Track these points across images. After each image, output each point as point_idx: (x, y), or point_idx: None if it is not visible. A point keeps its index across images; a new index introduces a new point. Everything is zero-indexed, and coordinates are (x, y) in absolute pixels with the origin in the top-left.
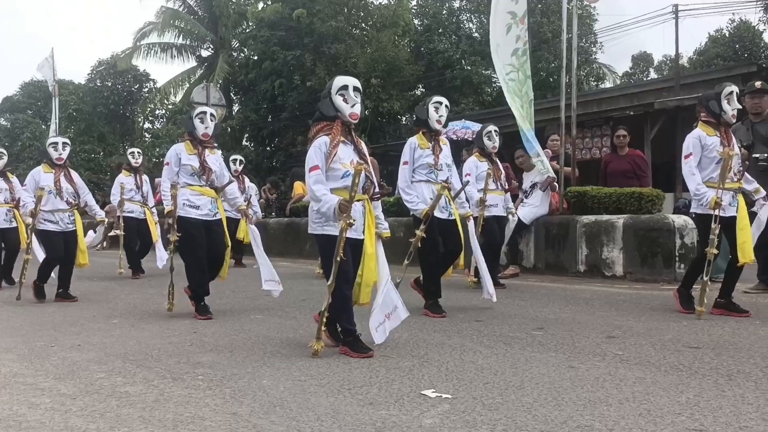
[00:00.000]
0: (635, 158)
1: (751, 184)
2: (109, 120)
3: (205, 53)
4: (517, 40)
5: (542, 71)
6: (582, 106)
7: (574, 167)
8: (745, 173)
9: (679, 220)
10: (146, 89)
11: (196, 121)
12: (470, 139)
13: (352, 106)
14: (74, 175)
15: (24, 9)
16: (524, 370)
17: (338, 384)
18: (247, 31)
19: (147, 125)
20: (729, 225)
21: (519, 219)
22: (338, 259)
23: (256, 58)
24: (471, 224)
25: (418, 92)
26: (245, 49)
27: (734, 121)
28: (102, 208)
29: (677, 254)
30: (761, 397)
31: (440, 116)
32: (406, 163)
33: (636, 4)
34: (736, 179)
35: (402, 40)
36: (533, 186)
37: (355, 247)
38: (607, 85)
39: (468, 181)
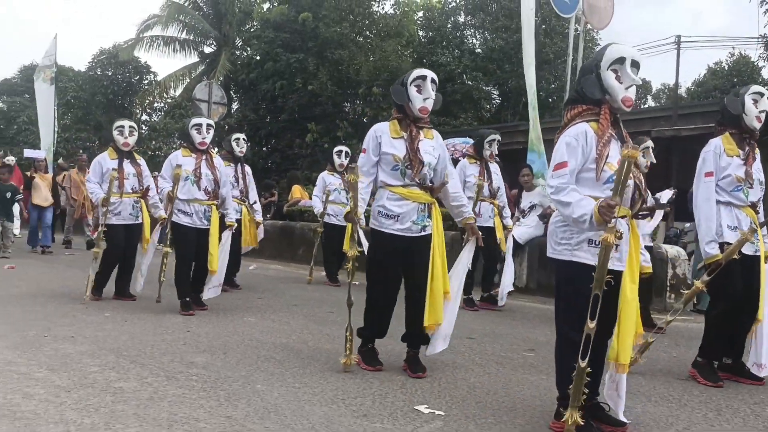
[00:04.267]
0: None
1: None
2: (106, 110)
3: (207, 49)
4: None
5: (541, 91)
6: None
7: None
8: None
9: (672, 250)
10: (146, 81)
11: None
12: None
13: (627, 88)
14: (217, 160)
15: None
16: (516, 391)
17: (332, 393)
18: (252, 30)
19: (145, 117)
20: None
21: (513, 238)
22: (597, 294)
23: (258, 58)
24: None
25: None
26: (248, 49)
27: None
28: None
29: (668, 284)
30: None
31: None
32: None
33: (636, 32)
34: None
35: (405, 50)
36: (532, 207)
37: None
38: None
39: None
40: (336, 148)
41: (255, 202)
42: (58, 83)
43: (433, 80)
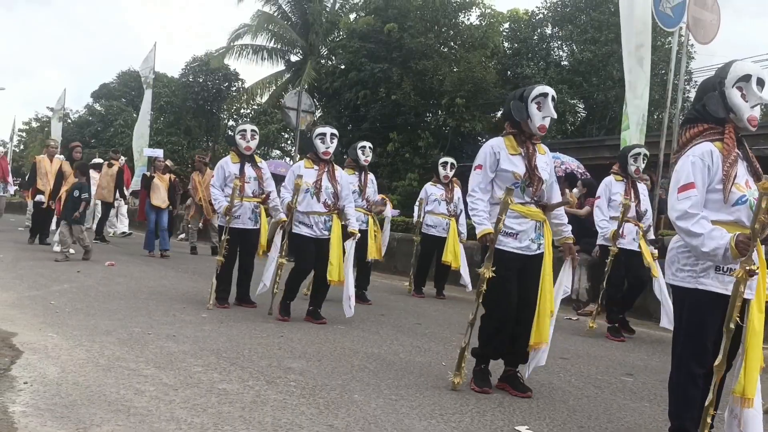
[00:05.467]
0: None
1: None
2: (196, 114)
3: (294, 58)
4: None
5: None
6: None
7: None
8: None
9: None
10: (234, 88)
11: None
12: (558, 174)
13: (752, 107)
14: (339, 173)
15: (129, 2)
16: (618, 417)
17: (430, 408)
18: (338, 40)
19: (231, 123)
20: None
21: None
22: (730, 327)
23: (343, 67)
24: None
25: (500, 114)
26: (333, 58)
27: None
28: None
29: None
30: None
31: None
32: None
33: (732, 44)
34: None
35: (489, 61)
36: None
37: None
38: None
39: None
40: (441, 160)
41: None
42: (153, 89)
43: (553, 98)
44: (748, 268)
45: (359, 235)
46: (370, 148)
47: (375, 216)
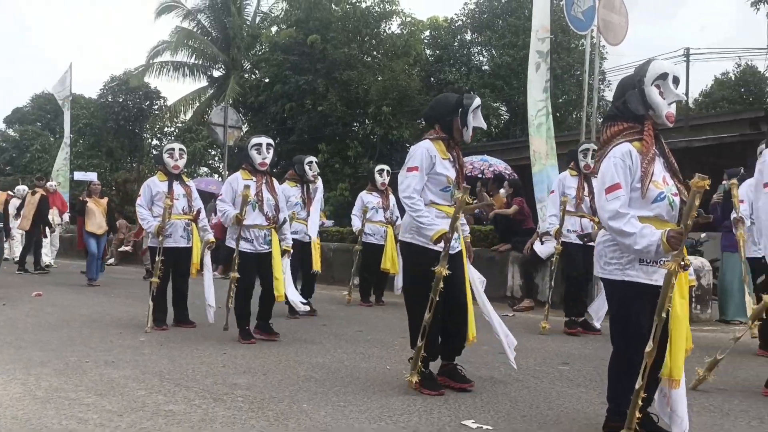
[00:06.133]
0: None
1: None
2: (117, 135)
3: (216, 73)
4: (546, 79)
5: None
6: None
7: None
8: None
9: (696, 261)
10: (156, 107)
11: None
12: (487, 176)
13: (670, 104)
14: (276, 184)
15: (37, 23)
16: (558, 404)
17: (378, 411)
18: (260, 53)
19: (155, 142)
20: None
21: (534, 253)
22: (661, 316)
23: (267, 80)
24: None
25: (426, 119)
26: (257, 71)
27: None
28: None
29: (693, 296)
30: None
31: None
32: None
33: (643, 46)
34: None
35: (413, 69)
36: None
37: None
38: None
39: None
40: (377, 167)
41: (323, 224)
42: (71, 111)
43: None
44: (682, 262)
45: (291, 251)
46: (316, 162)
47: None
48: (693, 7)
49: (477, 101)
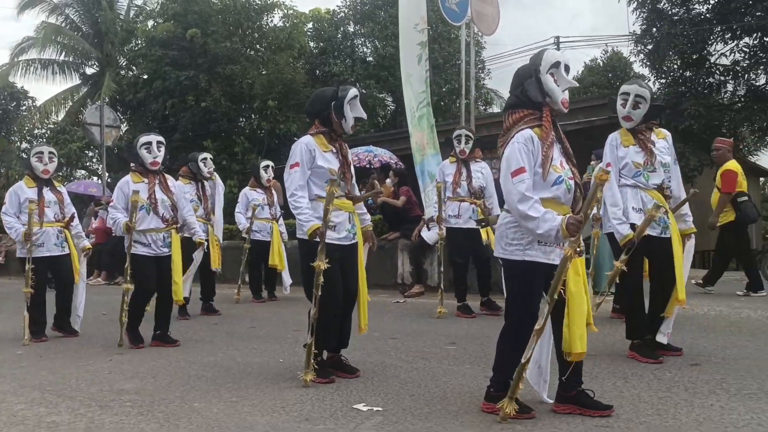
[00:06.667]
0: None
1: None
2: None
3: (90, 70)
4: (426, 69)
5: (434, 95)
6: (478, 129)
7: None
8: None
9: None
10: (24, 107)
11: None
12: (374, 166)
13: (564, 90)
14: (172, 182)
15: None
16: (444, 382)
17: (271, 403)
18: (136, 49)
19: (25, 145)
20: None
21: (422, 239)
22: (554, 297)
23: (146, 76)
24: None
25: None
26: (134, 68)
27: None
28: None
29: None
30: (654, 396)
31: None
32: None
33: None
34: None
35: (297, 62)
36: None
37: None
38: (495, 109)
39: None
40: (262, 163)
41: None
42: None
43: (567, 66)
44: (578, 249)
45: (206, 242)
46: (211, 159)
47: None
48: None
49: (352, 92)
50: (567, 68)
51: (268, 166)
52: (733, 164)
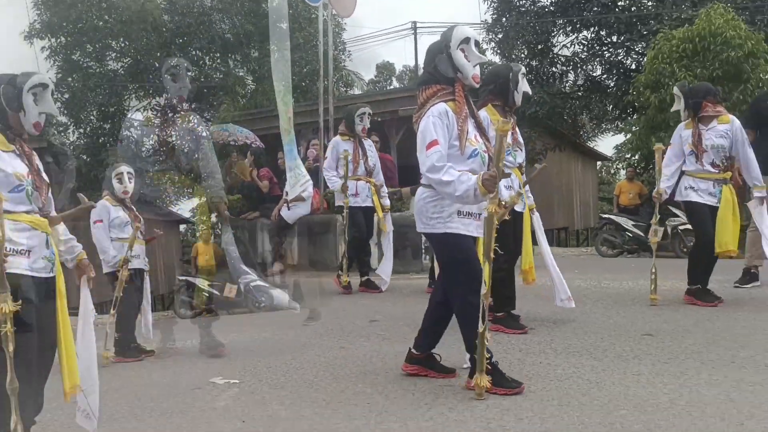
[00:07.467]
0: (385, 161)
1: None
2: None
3: None
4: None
5: (294, 76)
6: (337, 111)
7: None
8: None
9: None
10: None
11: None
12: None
13: (474, 65)
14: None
15: None
16: (302, 353)
17: (135, 388)
18: None
19: None
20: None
21: (282, 218)
22: (490, 257)
23: None
24: None
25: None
26: None
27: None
28: None
29: (423, 248)
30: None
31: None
32: None
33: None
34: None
35: (152, 35)
36: None
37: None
38: (356, 91)
39: None
40: None
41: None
42: None
43: (477, 42)
44: (501, 202)
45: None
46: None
47: None
48: None
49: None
50: (477, 44)
51: None
52: None
